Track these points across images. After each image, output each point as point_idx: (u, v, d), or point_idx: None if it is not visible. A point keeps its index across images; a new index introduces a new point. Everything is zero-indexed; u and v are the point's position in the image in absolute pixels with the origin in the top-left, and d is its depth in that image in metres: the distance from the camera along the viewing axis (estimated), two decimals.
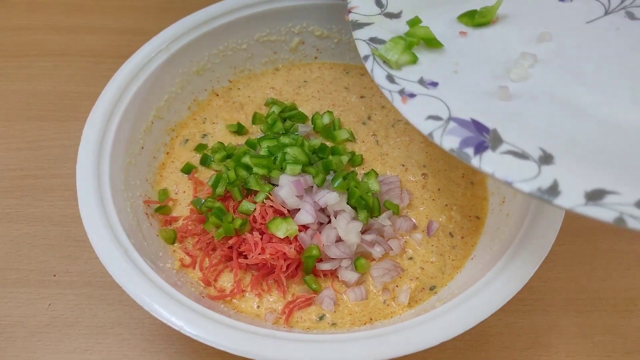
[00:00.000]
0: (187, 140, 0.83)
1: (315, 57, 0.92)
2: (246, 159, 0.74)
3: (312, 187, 0.73)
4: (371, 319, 0.67)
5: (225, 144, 0.81)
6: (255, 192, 0.72)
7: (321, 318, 0.67)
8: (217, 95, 0.88)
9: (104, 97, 0.74)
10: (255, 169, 0.72)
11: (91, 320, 0.74)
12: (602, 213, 0.46)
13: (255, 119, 0.84)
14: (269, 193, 0.71)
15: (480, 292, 0.58)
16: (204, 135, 0.83)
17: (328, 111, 0.84)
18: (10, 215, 0.84)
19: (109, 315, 0.75)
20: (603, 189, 0.47)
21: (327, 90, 0.89)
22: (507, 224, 0.68)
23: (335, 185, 0.72)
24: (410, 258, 0.72)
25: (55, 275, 0.78)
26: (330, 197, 0.70)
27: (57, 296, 0.76)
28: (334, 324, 0.67)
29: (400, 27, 0.66)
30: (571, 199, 0.47)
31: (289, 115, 0.83)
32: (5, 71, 1.03)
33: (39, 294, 0.76)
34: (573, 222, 0.80)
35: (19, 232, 0.82)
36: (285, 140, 0.76)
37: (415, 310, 0.67)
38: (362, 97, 0.88)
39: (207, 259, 0.71)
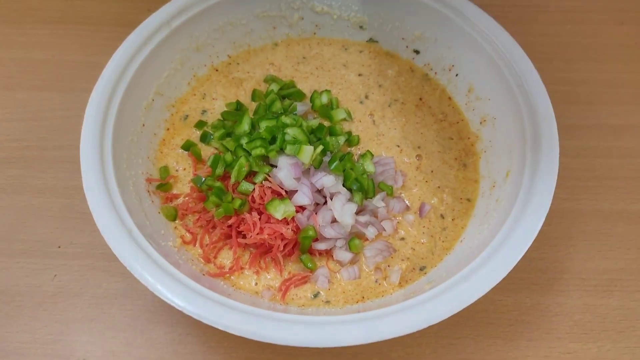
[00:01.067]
0: (187, 116, 0.84)
1: (314, 33, 0.93)
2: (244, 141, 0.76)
3: (309, 168, 0.75)
4: (363, 297, 0.71)
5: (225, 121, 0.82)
6: (255, 173, 0.74)
7: (316, 295, 0.71)
8: (217, 70, 0.89)
9: (105, 76, 0.74)
10: (253, 151, 0.74)
11: (96, 290, 0.78)
12: None
13: (255, 95, 0.85)
14: (268, 174, 0.74)
15: (466, 279, 0.62)
16: (204, 112, 0.85)
17: (326, 90, 0.85)
18: (14, 186, 0.86)
19: (113, 286, 0.78)
20: None
21: (325, 67, 0.90)
22: (496, 209, 0.71)
23: (332, 168, 0.74)
24: (402, 239, 0.75)
25: (60, 247, 0.81)
26: (327, 180, 0.73)
27: (62, 267, 0.79)
28: (327, 302, 0.70)
29: None
30: None
31: (288, 93, 0.85)
32: (3, 38, 1.02)
33: (44, 265, 0.80)
34: (560, 204, 0.84)
35: (24, 203, 0.84)
36: (286, 120, 0.77)
37: (405, 290, 0.70)
38: (360, 75, 0.89)
39: (207, 236, 0.74)
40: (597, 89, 0.96)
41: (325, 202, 0.74)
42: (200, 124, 0.83)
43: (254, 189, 0.73)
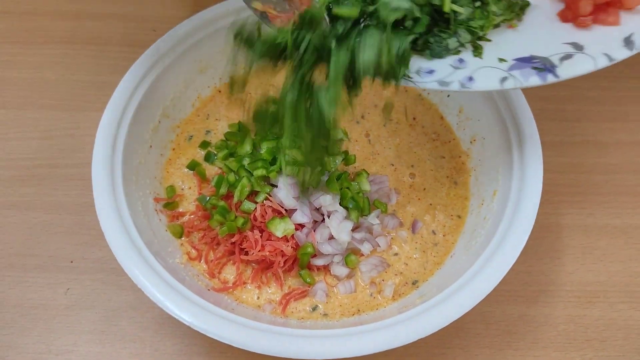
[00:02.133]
0: (192, 136, 0.88)
1: None
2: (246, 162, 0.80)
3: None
4: (359, 311, 0.75)
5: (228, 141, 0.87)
6: (256, 192, 0.79)
7: (314, 309, 0.75)
8: (220, 91, 0.93)
9: (114, 101, 0.78)
10: (255, 172, 0.78)
11: (106, 303, 0.82)
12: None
13: None
14: (269, 194, 0.78)
15: (455, 294, 0.66)
16: (208, 132, 0.89)
17: None
18: (27, 204, 0.90)
19: (123, 299, 0.82)
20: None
21: None
22: (484, 227, 0.76)
23: (329, 187, 0.78)
24: (396, 254, 0.80)
25: (72, 262, 0.85)
26: (325, 199, 0.77)
27: (74, 281, 0.84)
28: (325, 315, 0.75)
29: None
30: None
31: None
32: (15, 58, 1.06)
33: (57, 279, 0.84)
34: (546, 219, 0.88)
35: (36, 219, 0.89)
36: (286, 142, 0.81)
37: (398, 304, 0.74)
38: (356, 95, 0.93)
39: (211, 253, 0.79)
40: (583, 107, 1.00)
41: (323, 220, 0.78)
42: (204, 144, 0.87)
43: (256, 208, 0.77)
